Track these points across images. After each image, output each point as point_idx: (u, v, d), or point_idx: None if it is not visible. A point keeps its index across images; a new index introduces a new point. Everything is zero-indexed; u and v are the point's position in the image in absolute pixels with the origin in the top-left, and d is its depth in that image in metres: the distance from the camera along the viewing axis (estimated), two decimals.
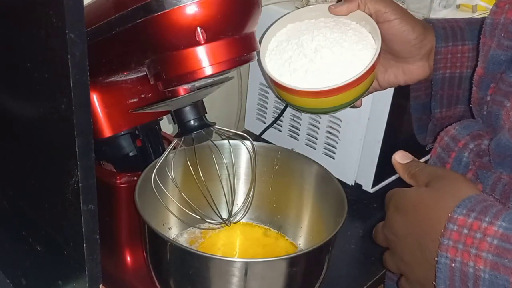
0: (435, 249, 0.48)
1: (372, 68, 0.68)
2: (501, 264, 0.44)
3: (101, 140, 0.69)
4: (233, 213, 0.69)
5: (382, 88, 0.78)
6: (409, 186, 0.57)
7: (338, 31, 0.71)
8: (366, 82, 0.70)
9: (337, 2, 0.89)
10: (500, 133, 0.54)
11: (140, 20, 0.53)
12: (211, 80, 0.61)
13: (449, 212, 0.48)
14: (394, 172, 0.58)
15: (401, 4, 0.76)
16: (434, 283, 0.49)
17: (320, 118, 0.96)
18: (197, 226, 0.76)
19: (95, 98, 0.67)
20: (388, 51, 0.73)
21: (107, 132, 0.69)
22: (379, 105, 0.87)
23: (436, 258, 0.48)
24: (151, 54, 0.55)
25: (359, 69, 0.68)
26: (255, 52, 0.58)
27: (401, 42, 0.71)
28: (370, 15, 0.71)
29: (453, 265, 0.47)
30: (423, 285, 0.52)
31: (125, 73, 0.63)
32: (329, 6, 0.73)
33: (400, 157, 0.58)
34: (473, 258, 0.46)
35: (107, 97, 0.68)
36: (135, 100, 0.71)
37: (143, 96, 0.71)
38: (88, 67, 0.44)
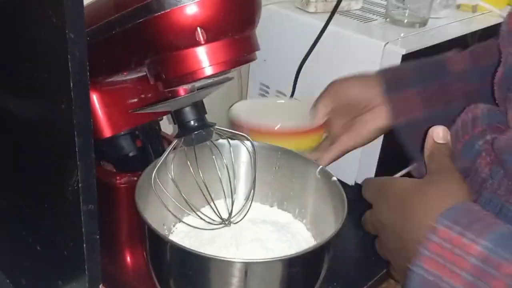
0: (414, 247, 0.47)
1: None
2: (479, 287, 0.43)
3: (101, 140, 0.69)
4: (233, 213, 0.69)
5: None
6: None
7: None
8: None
9: (337, 3, 0.89)
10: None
11: (140, 20, 0.53)
12: (211, 80, 0.61)
13: (433, 215, 0.47)
14: (394, 172, 0.58)
15: (400, 5, 0.74)
16: None
17: None
18: (196, 226, 0.75)
19: (95, 98, 0.67)
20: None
21: (107, 132, 0.69)
22: None
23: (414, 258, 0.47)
24: (151, 54, 0.55)
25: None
26: (255, 52, 0.58)
27: None
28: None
29: (427, 277, 0.45)
30: (406, 274, 0.50)
31: (125, 73, 0.63)
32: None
33: (437, 134, 0.56)
34: (451, 275, 0.44)
35: (107, 97, 0.68)
36: (135, 100, 0.71)
37: (143, 96, 0.71)
38: (88, 67, 0.44)
